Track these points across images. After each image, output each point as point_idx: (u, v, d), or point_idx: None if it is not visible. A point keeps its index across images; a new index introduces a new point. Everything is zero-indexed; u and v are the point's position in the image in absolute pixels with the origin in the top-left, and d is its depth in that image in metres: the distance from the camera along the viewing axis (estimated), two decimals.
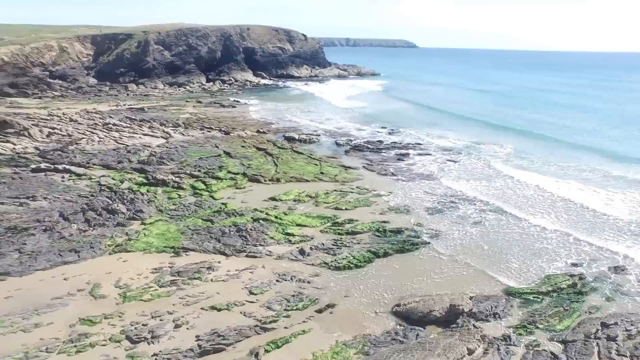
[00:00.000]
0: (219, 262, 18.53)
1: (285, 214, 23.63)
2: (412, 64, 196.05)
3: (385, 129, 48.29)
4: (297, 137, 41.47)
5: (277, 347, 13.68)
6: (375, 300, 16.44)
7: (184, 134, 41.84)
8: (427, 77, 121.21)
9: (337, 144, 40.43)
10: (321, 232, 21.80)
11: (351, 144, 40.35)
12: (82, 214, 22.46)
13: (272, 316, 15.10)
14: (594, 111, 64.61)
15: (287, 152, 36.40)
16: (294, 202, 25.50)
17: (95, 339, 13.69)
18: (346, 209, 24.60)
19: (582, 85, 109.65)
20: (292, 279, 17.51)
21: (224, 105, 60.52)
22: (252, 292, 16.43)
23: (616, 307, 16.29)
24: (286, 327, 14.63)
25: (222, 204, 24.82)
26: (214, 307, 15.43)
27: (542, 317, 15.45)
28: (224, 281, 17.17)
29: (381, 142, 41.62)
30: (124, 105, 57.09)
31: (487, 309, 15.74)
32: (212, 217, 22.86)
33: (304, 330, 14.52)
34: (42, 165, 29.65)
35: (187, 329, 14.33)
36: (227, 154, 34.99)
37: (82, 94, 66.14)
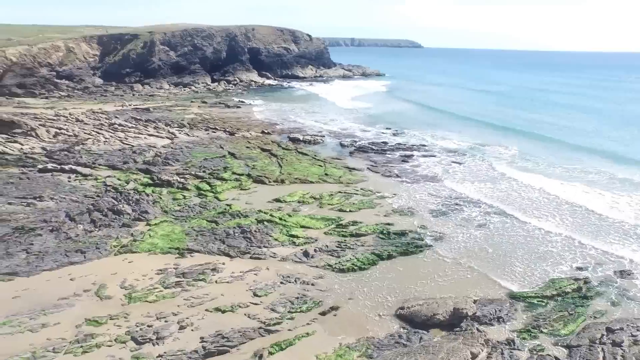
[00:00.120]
0: (224, 264, 18.63)
1: (289, 215, 23.69)
2: (416, 64, 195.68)
3: (389, 130, 48.26)
4: (301, 138, 41.54)
5: (281, 350, 13.76)
6: (379, 303, 16.47)
7: (189, 135, 42.03)
8: (432, 78, 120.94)
9: (341, 145, 40.46)
10: (325, 234, 21.85)
11: (355, 145, 40.36)
12: (88, 214, 22.65)
13: (276, 318, 15.17)
14: (595, 112, 64.26)
15: (292, 153, 36.48)
16: (298, 203, 25.57)
17: (101, 339, 13.82)
18: (350, 211, 24.64)
19: (583, 85, 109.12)
20: (296, 281, 17.57)
21: (228, 105, 60.71)
22: (256, 294, 16.50)
23: (622, 312, 16.19)
24: (290, 330, 14.70)
25: (227, 205, 24.92)
26: (218, 309, 15.53)
27: (546, 322, 15.41)
28: (228, 283, 17.27)
29: (386, 143, 41.61)
30: (130, 105, 57.41)
31: (491, 313, 15.72)
32: (216, 218, 22.98)
33: (307, 332, 14.58)
34: (49, 165, 29.90)
35: (192, 330, 14.43)
36: (232, 155, 35.12)
37: (89, 94, 66.56)
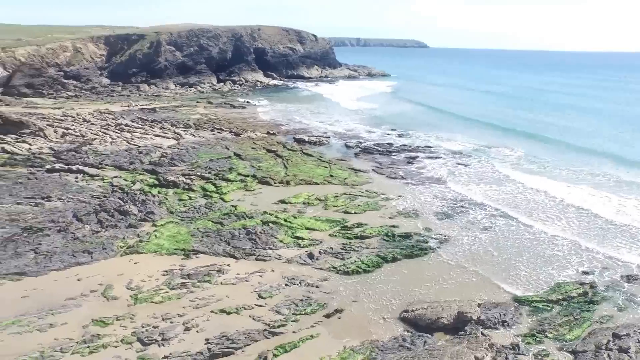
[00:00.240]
0: (229, 265, 18.72)
1: (294, 217, 23.76)
2: (422, 65, 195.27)
3: (395, 131, 48.20)
4: (307, 139, 41.61)
5: (286, 352, 13.81)
6: (383, 305, 16.48)
7: (194, 135, 42.23)
8: (437, 78, 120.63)
9: (346, 147, 40.48)
10: (330, 236, 21.89)
11: (361, 146, 40.36)
12: (95, 214, 22.85)
13: (281, 320, 15.23)
14: (599, 113, 63.86)
15: (297, 154, 36.55)
16: (304, 205, 25.62)
17: (107, 340, 13.95)
18: (355, 213, 24.67)
19: (587, 85, 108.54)
20: (300, 283, 17.63)
21: (234, 106, 60.91)
22: (261, 296, 16.58)
23: (629, 317, 16.02)
24: (294, 332, 14.75)
25: (232, 206, 25.03)
26: (223, 311, 15.61)
27: (551, 326, 15.34)
28: (233, 284, 17.36)
29: (391, 144, 41.57)
30: (136, 105, 57.78)
31: (496, 317, 15.68)
32: (222, 219, 23.09)
33: (312, 335, 14.63)
34: (57, 165, 30.19)
35: (197, 331, 14.53)
36: (238, 156, 35.25)
37: (95, 94, 67.05)
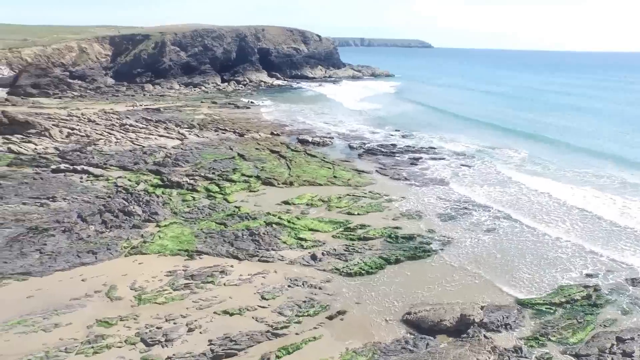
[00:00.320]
0: (232, 266, 18.80)
1: (297, 218, 23.81)
2: (426, 65, 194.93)
3: (398, 132, 48.16)
4: (310, 140, 41.65)
5: (288, 354, 13.86)
6: (386, 307, 16.50)
7: (198, 136, 42.38)
8: (441, 79, 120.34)
9: (350, 147, 40.49)
10: (333, 237, 21.92)
11: (364, 147, 40.35)
12: (100, 215, 22.99)
13: (284, 322, 15.28)
14: (605, 114, 63.48)
15: (301, 155, 36.61)
16: (307, 206, 25.67)
17: (111, 340, 14.05)
18: (358, 214, 24.69)
19: (592, 86, 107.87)
20: (303, 284, 17.67)
21: (238, 106, 61.06)
22: (264, 297, 16.64)
23: (633, 321, 15.95)
24: (297, 333, 14.79)
25: (236, 207, 25.11)
26: (226, 312, 15.69)
27: (554, 329, 15.31)
28: (236, 285, 17.43)
29: (394, 145, 41.55)
30: (141, 105, 58.04)
31: (499, 320, 15.66)
32: (225, 220, 23.17)
33: (314, 336, 14.67)
34: (62, 165, 30.38)
35: (200, 333, 14.60)
36: (241, 157, 35.35)
37: (100, 94, 67.45)
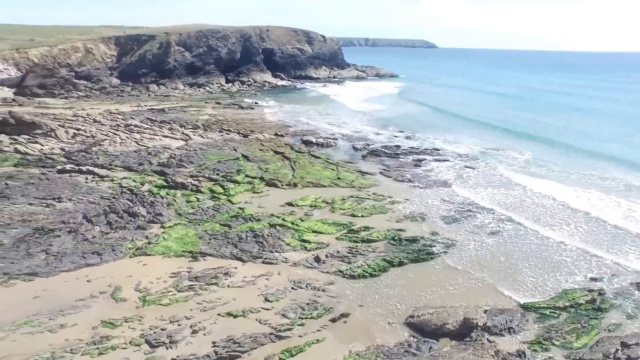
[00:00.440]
0: (236, 268, 18.88)
1: (301, 220, 23.87)
2: (430, 65, 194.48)
3: (402, 133, 48.12)
4: (314, 141, 41.71)
5: (292, 356, 13.91)
6: (389, 310, 16.52)
7: (203, 136, 42.53)
8: (445, 79, 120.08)
9: (354, 149, 40.50)
10: (337, 240, 21.96)
11: (368, 148, 40.34)
12: (105, 216, 23.15)
13: (287, 324, 15.34)
14: (610, 115, 63.17)
15: (305, 156, 36.67)
16: (311, 207, 25.72)
17: (116, 341, 14.16)
18: (362, 216, 24.71)
19: (598, 87, 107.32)
20: (307, 286, 17.73)
21: (242, 106, 61.18)
22: (267, 299, 16.71)
23: (638, 326, 15.86)
24: (300, 336, 14.85)
25: (240, 208, 25.20)
26: (230, 314, 15.76)
27: (558, 334, 15.27)
28: (240, 287, 17.51)
29: (398, 147, 41.51)
30: (145, 106, 58.30)
31: (502, 323, 15.64)
32: (229, 221, 23.26)
33: (318, 339, 14.72)
34: (67, 166, 30.60)
35: (204, 334, 14.68)
36: (245, 158, 35.45)
37: (106, 94, 67.79)
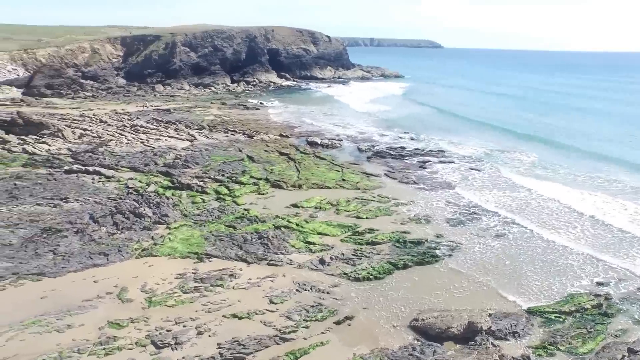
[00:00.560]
0: (241, 270, 18.96)
1: (306, 221, 23.92)
2: (436, 66, 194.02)
3: (407, 134, 48.07)
4: (319, 142, 41.76)
5: (296, 358, 13.96)
6: (393, 313, 16.53)
7: (208, 137, 42.70)
8: (450, 80, 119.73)
9: (359, 150, 40.51)
10: (341, 242, 21.99)
11: (373, 150, 40.34)
12: (111, 216, 23.32)
13: (292, 326, 15.39)
14: (616, 116, 62.69)
15: (310, 157, 36.73)
16: (315, 209, 25.77)
17: (122, 342, 14.28)
18: (367, 218, 24.73)
19: (604, 88, 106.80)
20: (311, 289, 17.77)
21: (247, 107, 61.37)
22: (272, 301, 16.77)
23: None
24: (305, 338, 14.89)
25: (245, 209, 25.30)
26: (235, 315, 15.85)
27: (564, 338, 15.21)
28: (245, 289, 17.59)
29: (403, 148, 41.48)
30: (151, 106, 58.62)
31: (507, 327, 15.61)
32: (234, 223, 23.36)
33: (322, 342, 14.76)
34: (74, 166, 30.85)
35: (209, 336, 14.77)
36: (250, 159, 35.57)
37: (112, 94, 68.22)
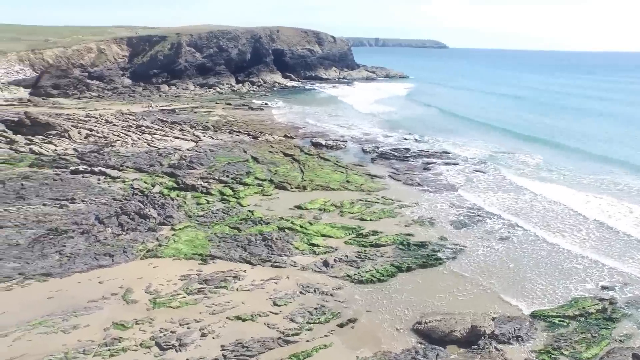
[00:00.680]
0: (245, 271, 19.05)
1: (310, 223, 23.98)
2: (441, 66, 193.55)
3: (412, 135, 48.00)
4: (323, 143, 41.81)
5: None
6: (396, 316, 16.55)
7: (213, 138, 42.86)
8: (455, 81, 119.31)
9: (363, 151, 40.50)
10: (345, 244, 22.03)
11: (378, 151, 40.33)
12: (116, 217, 23.49)
13: (295, 329, 15.45)
14: (621, 118, 62.19)
15: (314, 158, 36.77)
16: (320, 211, 25.82)
17: (127, 343, 14.39)
18: (371, 220, 24.75)
19: (610, 88, 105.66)
20: (315, 291, 17.81)
21: (252, 107, 61.51)
22: (276, 303, 16.84)
23: None
24: (308, 341, 14.94)
25: (249, 211, 25.39)
26: (239, 317, 15.92)
27: (567, 343, 15.16)
28: (249, 291, 17.66)
29: (408, 149, 41.43)
30: (156, 106, 58.91)
31: (510, 331, 15.58)
32: (239, 224, 23.45)
33: (325, 344, 14.81)
34: (80, 167, 31.08)
35: (213, 338, 14.85)
36: (255, 160, 35.66)
37: (118, 94, 68.61)
